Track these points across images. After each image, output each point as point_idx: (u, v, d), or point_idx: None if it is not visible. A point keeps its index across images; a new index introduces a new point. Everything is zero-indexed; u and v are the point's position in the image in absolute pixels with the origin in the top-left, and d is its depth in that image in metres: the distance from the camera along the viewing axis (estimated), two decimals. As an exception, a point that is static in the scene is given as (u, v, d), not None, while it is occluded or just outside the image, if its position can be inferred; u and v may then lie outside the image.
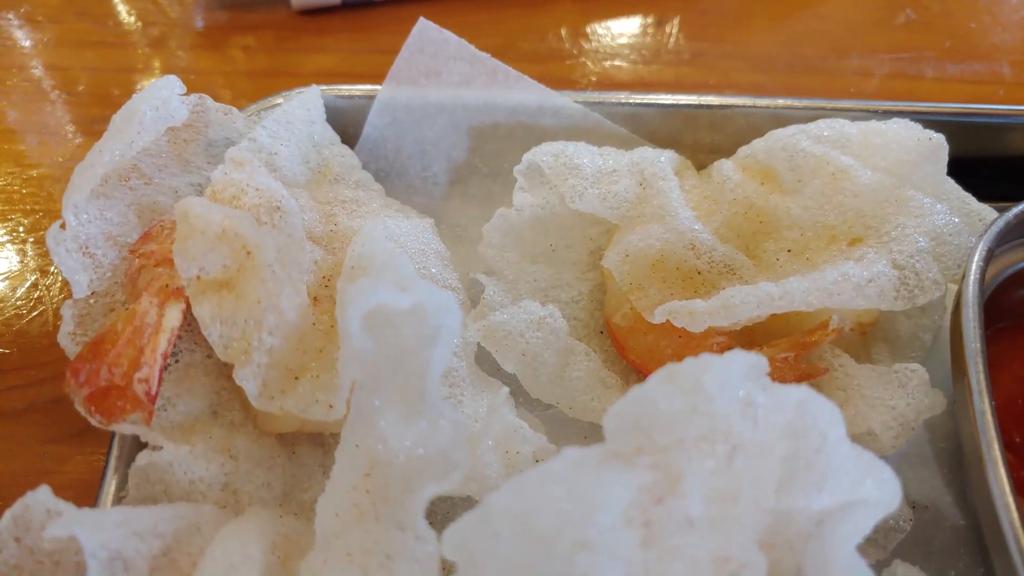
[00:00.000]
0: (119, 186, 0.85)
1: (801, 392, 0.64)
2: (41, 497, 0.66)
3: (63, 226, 0.76)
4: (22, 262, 1.04)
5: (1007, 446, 0.88)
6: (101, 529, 0.64)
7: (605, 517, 0.54)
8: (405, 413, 0.67)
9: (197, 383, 0.80)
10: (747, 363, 0.64)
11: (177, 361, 0.80)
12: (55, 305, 1.00)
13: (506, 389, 0.80)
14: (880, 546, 0.83)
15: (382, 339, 0.65)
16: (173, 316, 0.75)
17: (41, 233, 1.06)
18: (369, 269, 0.71)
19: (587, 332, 0.95)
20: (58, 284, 1.02)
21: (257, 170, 0.81)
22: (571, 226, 0.99)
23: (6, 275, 1.03)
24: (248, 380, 0.71)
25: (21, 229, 1.07)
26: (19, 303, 1.00)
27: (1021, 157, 1.07)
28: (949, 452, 0.92)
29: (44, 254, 1.05)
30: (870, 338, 0.92)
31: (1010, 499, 0.73)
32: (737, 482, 0.59)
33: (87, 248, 0.79)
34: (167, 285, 0.77)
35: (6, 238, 1.06)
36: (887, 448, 0.83)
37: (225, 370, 0.83)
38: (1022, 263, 0.92)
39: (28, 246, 1.06)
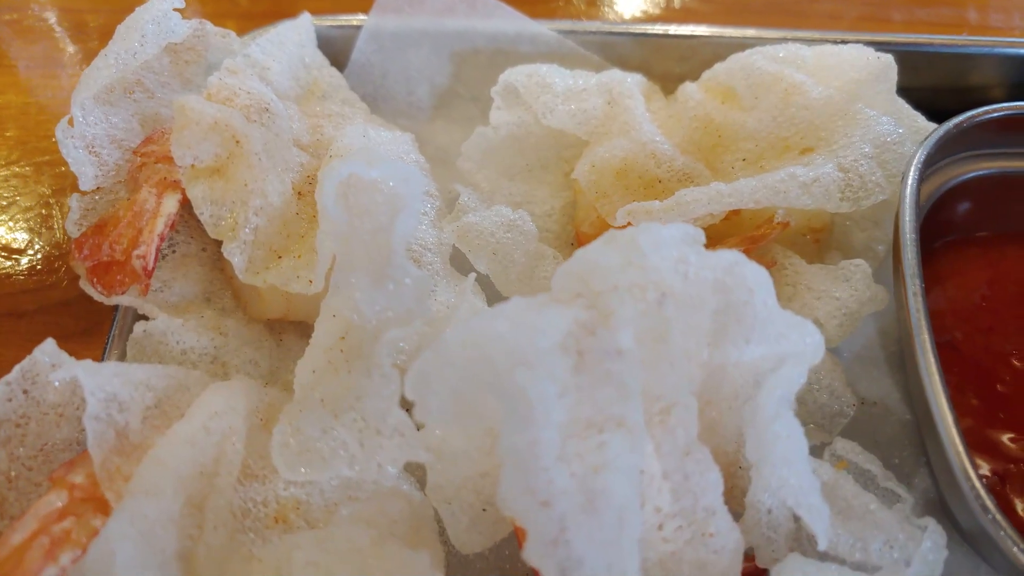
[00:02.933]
0: (124, 97, 0.92)
1: (732, 255, 0.70)
2: (47, 349, 0.73)
3: (71, 122, 0.83)
4: (36, 183, 1.12)
5: (950, 343, 0.93)
6: (99, 375, 0.71)
7: (543, 341, 0.60)
8: (375, 278, 0.73)
9: (192, 271, 0.87)
10: (684, 231, 0.70)
11: (174, 251, 0.88)
12: (62, 220, 1.08)
13: (473, 275, 0.87)
14: (826, 430, 0.89)
15: (353, 209, 0.72)
16: (170, 204, 0.82)
17: (52, 158, 1.14)
18: (346, 156, 0.78)
19: (559, 243, 1.02)
20: (66, 204, 1.10)
21: (250, 77, 0.88)
22: (546, 147, 1.05)
23: (21, 194, 1.11)
24: (235, 255, 0.78)
25: (35, 155, 1.15)
26: (30, 219, 1.08)
27: (974, 87, 1.12)
28: (897, 356, 0.98)
29: (55, 177, 1.13)
30: (824, 246, 0.98)
31: (939, 386, 0.78)
32: (666, 326, 0.65)
33: (92, 147, 0.86)
34: (165, 178, 0.84)
35: (22, 163, 1.14)
36: (833, 338, 0.89)
37: (218, 263, 0.91)
38: (965, 175, 0.98)
39: (43, 171, 1.14)
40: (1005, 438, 0.87)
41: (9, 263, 1.05)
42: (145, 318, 0.81)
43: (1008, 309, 0.96)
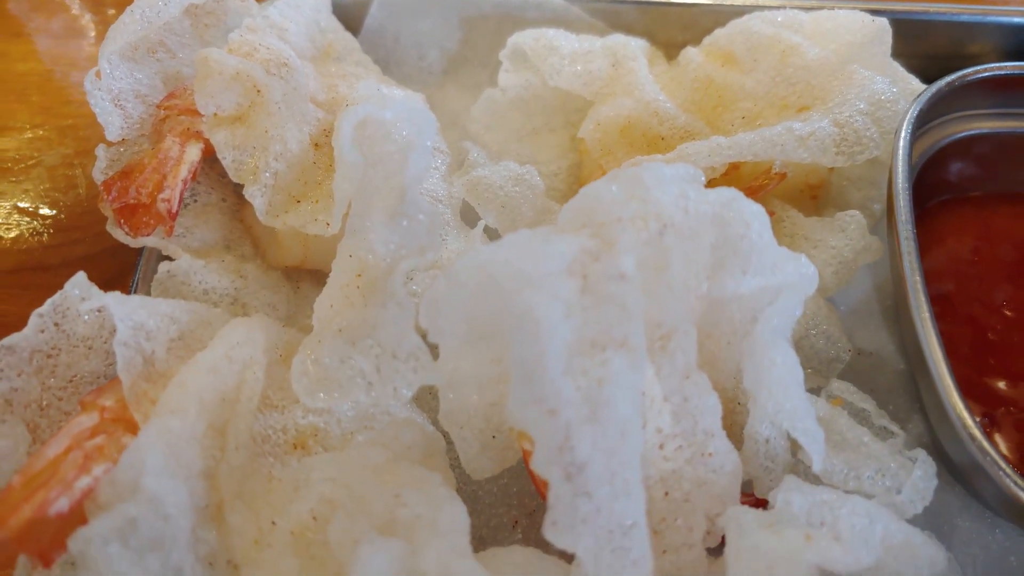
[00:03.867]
0: (147, 56, 0.96)
1: (730, 191, 0.73)
2: (78, 282, 0.76)
3: (98, 75, 0.87)
4: (60, 145, 1.16)
5: (943, 295, 0.96)
6: (128, 305, 0.75)
7: (550, 265, 0.64)
8: (389, 216, 0.77)
9: (212, 219, 0.91)
10: (685, 170, 0.74)
11: (195, 200, 0.91)
12: (87, 180, 1.12)
13: (482, 222, 0.90)
14: (823, 375, 0.93)
15: (368, 149, 0.76)
16: (193, 152, 0.86)
17: (74, 122, 1.18)
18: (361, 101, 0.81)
19: (564, 201, 1.05)
20: (90, 165, 1.14)
21: (268, 34, 0.92)
22: (553, 111, 1.09)
23: (45, 155, 1.15)
24: (256, 197, 0.82)
25: (58, 120, 1.19)
26: (55, 178, 1.12)
27: (970, 56, 1.16)
28: (892, 310, 1.01)
29: (78, 140, 1.17)
30: (821, 203, 1.02)
31: (930, 326, 0.81)
32: (667, 256, 0.69)
33: (118, 100, 0.90)
34: (188, 129, 0.88)
35: (46, 127, 1.18)
36: (830, 286, 0.92)
37: (237, 213, 0.95)
38: (957, 135, 1.01)
39: (66, 134, 1.18)
40: (995, 383, 0.91)
41: (35, 221, 1.08)
42: (169, 260, 0.85)
43: (999, 264, 0.99)
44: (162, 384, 0.73)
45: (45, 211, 1.09)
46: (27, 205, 1.10)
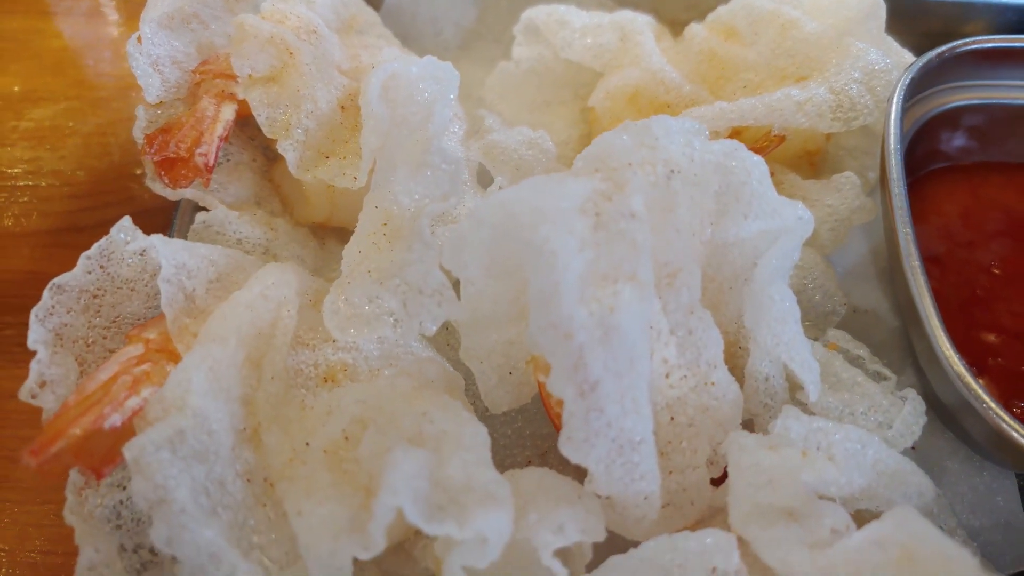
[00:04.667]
0: (182, 26, 1.01)
1: (733, 143, 0.79)
2: (124, 226, 0.82)
3: (139, 40, 0.93)
4: (93, 115, 1.22)
5: (934, 257, 1.02)
6: (170, 246, 0.80)
7: (564, 203, 0.69)
8: (414, 167, 0.82)
9: (244, 176, 0.96)
10: (691, 124, 0.79)
11: (228, 160, 0.97)
12: (120, 148, 1.18)
13: (500, 179, 0.95)
14: (819, 328, 0.98)
15: (395, 103, 0.81)
16: (228, 111, 0.92)
17: (106, 94, 1.24)
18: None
19: (575, 169, 1.10)
20: (122, 134, 1.20)
21: (298, 4, 0.98)
22: (564, 84, 1.15)
23: (81, 124, 1.21)
24: (289, 151, 0.87)
25: (92, 92, 1.25)
26: (90, 145, 1.18)
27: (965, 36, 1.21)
28: (887, 272, 1.06)
29: (111, 111, 1.23)
30: (818, 170, 1.07)
31: (921, 280, 0.86)
32: (674, 199, 0.74)
33: (157, 65, 0.95)
34: (223, 91, 0.94)
35: (81, 98, 1.25)
36: (827, 244, 0.98)
37: (267, 173, 1.00)
38: (948, 105, 1.06)
39: (99, 106, 1.24)
40: (983, 336, 0.96)
41: (70, 186, 1.14)
42: (204, 212, 0.90)
43: (989, 228, 1.04)
44: (202, 320, 0.79)
45: (80, 176, 1.15)
46: (64, 169, 1.15)
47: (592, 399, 0.67)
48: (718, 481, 0.77)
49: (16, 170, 1.15)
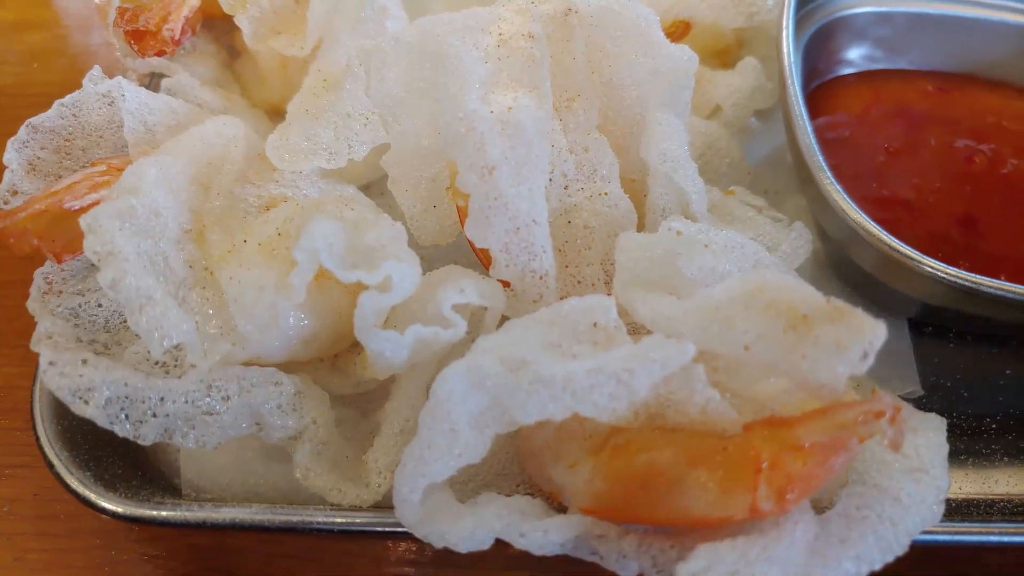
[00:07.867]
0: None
1: (627, -4, 0.90)
2: (94, 75, 0.93)
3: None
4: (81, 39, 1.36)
5: (836, 139, 1.12)
6: (135, 88, 0.91)
7: (472, 22, 0.81)
8: (353, 23, 0.94)
9: (209, 63, 1.08)
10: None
11: (195, 48, 1.08)
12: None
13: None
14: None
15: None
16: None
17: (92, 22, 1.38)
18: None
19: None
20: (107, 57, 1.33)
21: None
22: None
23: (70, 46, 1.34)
24: (244, 23, 0.99)
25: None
26: (78, 63, 1.31)
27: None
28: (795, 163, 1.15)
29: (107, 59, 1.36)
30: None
31: (807, 128, 0.96)
32: (571, 31, 0.85)
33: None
34: (190, -18, 1.06)
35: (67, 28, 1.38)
36: (732, 121, 1.08)
37: (230, 65, 1.12)
38: (844, 11, 1.18)
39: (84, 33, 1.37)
40: (875, 194, 1.05)
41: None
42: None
43: (889, 118, 1.15)
44: (160, 152, 0.89)
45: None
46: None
47: (491, 183, 0.77)
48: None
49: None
